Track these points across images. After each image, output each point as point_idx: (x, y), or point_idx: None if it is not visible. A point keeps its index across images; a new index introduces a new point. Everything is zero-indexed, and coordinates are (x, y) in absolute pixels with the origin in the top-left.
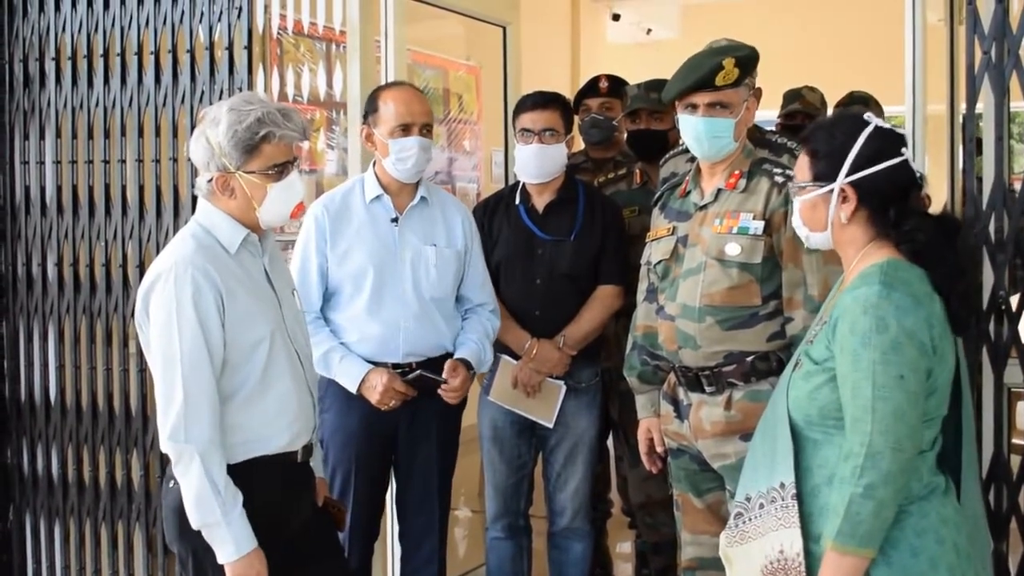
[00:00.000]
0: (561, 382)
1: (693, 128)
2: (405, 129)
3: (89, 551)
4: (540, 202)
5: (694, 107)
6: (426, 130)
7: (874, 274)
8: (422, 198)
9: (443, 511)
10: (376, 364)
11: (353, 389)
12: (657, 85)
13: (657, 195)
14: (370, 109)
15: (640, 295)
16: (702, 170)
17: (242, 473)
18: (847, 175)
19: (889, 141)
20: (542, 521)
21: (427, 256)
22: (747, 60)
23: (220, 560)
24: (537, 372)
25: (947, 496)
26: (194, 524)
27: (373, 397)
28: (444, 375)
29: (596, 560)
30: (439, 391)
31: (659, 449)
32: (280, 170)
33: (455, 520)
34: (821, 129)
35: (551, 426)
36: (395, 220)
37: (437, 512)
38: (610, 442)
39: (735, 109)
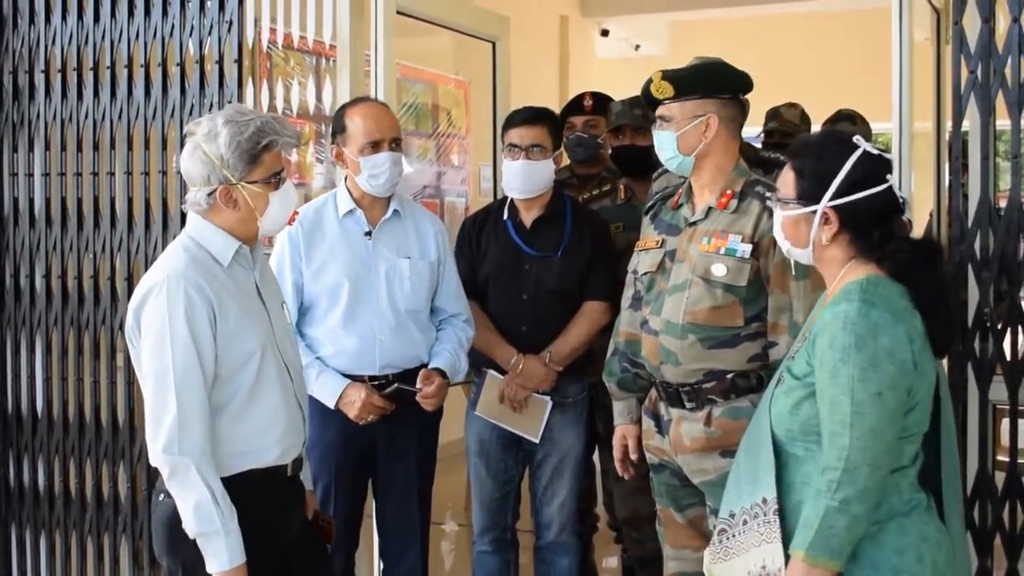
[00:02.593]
0: (547, 397)
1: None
2: (375, 146)
3: (75, 563)
4: (528, 217)
5: (654, 121)
6: (395, 144)
7: (855, 291)
8: (395, 211)
9: (424, 523)
10: (353, 377)
11: (331, 404)
12: (641, 102)
13: (649, 204)
14: (338, 128)
15: (625, 302)
16: (693, 186)
17: (233, 487)
18: (831, 199)
19: (875, 167)
20: (529, 535)
21: (401, 269)
22: (678, 75)
23: (210, 569)
24: (523, 387)
25: (929, 514)
26: (191, 533)
27: (351, 412)
28: (418, 383)
29: (583, 574)
30: (417, 399)
31: (633, 456)
32: (278, 178)
33: (442, 534)
34: (809, 147)
35: (537, 441)
36: (368, 234)
37: (418, 524)
38: (596, 457)
39: (679, 123)
